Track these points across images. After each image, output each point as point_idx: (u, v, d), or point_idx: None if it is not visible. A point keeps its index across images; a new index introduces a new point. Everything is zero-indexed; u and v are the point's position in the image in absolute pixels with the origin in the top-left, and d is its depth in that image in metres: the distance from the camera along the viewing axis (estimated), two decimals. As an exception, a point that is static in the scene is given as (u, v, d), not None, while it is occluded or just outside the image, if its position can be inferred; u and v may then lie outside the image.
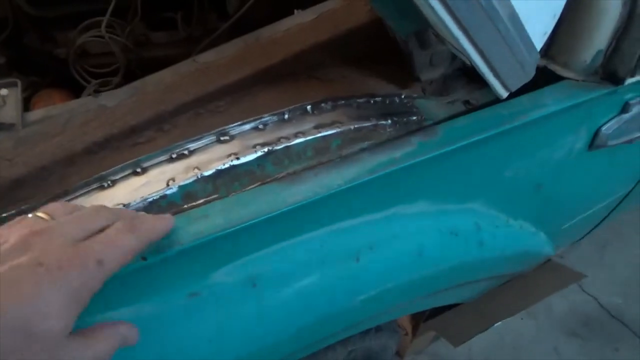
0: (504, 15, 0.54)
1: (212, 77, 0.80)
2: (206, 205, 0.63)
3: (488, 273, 1.06)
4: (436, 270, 0.86)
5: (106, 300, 0.58)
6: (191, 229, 0.60)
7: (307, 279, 0.71)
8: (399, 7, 0.63)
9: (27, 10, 1.30)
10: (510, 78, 0.67)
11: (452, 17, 0.51)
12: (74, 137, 0.69)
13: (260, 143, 0.71)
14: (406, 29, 0.70)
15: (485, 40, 0.56)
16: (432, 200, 0.83)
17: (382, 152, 0.71)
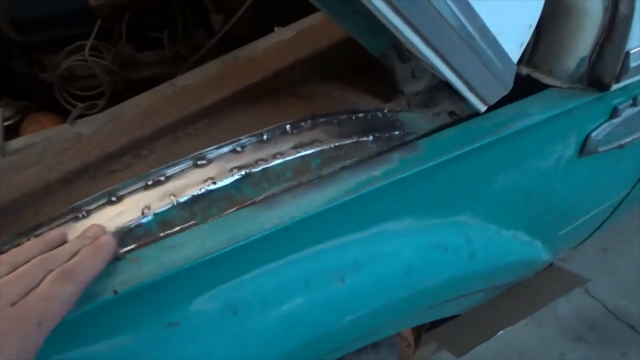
0: (473, 30, 0.52)
1: (191, 99, 0.79)
2: (181, 233, 0.62)
3: (483, 285, 1.04)
4: (426, 286, 0.84)
5: (82, 333, 0.57)
6: (165, 258, 0.59)
7: (290, 302, 0.69)
8: (369, 27, 0.62)
9: (12, 36, 1.30)
10: (487, 92, 0.65)
11: (420, 36, 0.50)
12: (49, 167, 0.69)
13: (237, 166, 0.70)
14: (379, 47, 0.69)
15: (456, 57, 0.55)
16: (418, 215, 0.81)
17: (362, 171, 0.70)
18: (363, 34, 0.65)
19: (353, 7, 0.59)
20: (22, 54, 1.36)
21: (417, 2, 0.45)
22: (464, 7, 0.49)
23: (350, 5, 0.58)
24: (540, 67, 0.86)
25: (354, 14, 0.60)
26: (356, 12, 0.59)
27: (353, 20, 0.62)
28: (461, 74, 0.58)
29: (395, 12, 0.45)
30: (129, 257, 0.59)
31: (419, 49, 0.52)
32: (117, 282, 0.56)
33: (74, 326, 0.54)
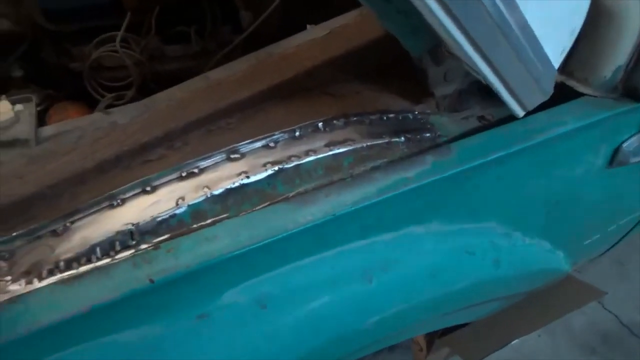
0: (519, 33, 0.52)
1: (224, 93, 0.79)
2: (215, 225, 0.62)
3: (504, 292, 1.03)
4: (451, 290, 0.84)
5: (115, 321, 0.57)
6: (200, 250, 0.59)
7: (318, 300, 0.69)
8: (411, 27, 0.62)
9: (45, 25, 1.32)
10: (527, 97, 0.65)
11: (466, 37, 0.50)
12: (84, 155, 0.69)
13: (270, 161, 0.70)
14: (419, 48, 0.69)
15: (501, 59, 0.55)
16: (447, 219, 0.81)
17: (394, 172, 0.70)
18: (405, 33, 0.65)
19: (397, 6, 0.58)
20: (52, 43, 1.37)
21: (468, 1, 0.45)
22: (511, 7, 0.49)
23: (395, 4, 0.58)
24: (575, 74, 0.86)
25: (398, 13, 0.60)
26: (400, 11, 0.59)
27: (396, 19, 0.62)
28: (504, 76, 0.58)
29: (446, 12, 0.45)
30: (164, 247, 0.59)
31: (464, 49, 0.51)
32: (153, 270, 0.56)
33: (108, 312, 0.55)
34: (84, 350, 0.55)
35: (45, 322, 0.51)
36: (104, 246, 0.61)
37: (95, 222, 0.64)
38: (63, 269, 0.59)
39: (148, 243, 0.63)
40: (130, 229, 0.63)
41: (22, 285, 0.57)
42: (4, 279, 0.58)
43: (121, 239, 0.62)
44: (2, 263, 0.59)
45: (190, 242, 0.60)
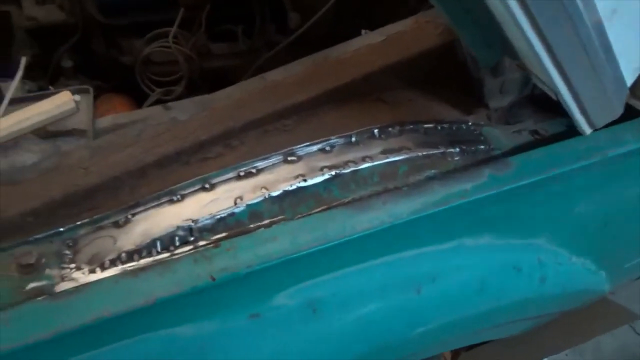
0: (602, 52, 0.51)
1: (280, 95, 0.80)
2: (274, 227, 0.63)
3: (546, 310, 1.02)
4: (497, 305, 0.82)
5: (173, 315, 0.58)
6: (259, 250, 0.60)
7: (367, 307, 0.69)
8: (486, 38, 0.61)
9: (97, 17, 1.35)
10: (597, 115, 0.64)
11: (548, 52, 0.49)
12: (146, 149, 0.71)
13: (327, 165, 0.70)
14: (491, 59, 0.68)
15: (578, 76, 0.54)
16: (498, 233, 0.80)
17: (452, 183, 0.69)
18: (478, 44, 0.64)
19: (474, 16, 0.58)
20: (103, 35, 1.40)
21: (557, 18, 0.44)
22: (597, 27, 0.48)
23: (472, 14, 0.58)
24: (637, 93, 0.84)
25: (474, 24, 0.59)
26: (476, 22, 0.59)
27: (472, 29, 0.61)
28: (578, 93, 0.57)
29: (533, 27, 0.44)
30: (224, 245, 0.60)
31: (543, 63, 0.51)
32: (214, 268, 0.57)
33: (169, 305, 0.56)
34: (144, 340, 0.56)
35: (111, 311, 0.52)
36: (164, 240, 0.62)
37: (155, 215, 0.65)
38: (125, 261, 0.60)
39: (206, 240, 0.63)
40: (189, 225, 0.64)
41: (85, 273, 0.59)
42: (69, 266, 0.59)
43: (181, 234, 0.63)
44: (67, 251, 0.61)
45: (250, 242, 0.60)
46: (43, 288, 0.56)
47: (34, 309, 0.52)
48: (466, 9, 0.57)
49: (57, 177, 0.67)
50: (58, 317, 0.51)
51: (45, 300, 0.53)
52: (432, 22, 0.92)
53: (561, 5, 0.45)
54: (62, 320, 0.51)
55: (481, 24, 0.58)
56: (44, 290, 0.56)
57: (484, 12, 0.47)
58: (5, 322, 0.50)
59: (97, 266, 0.59)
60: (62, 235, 0.62)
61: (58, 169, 0.68)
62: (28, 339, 0.49)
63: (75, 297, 0.53)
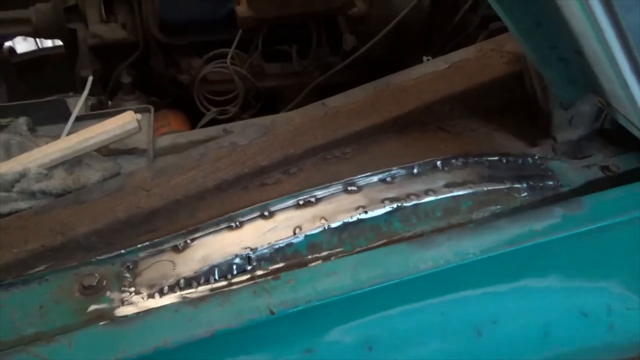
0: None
1: (341, 122, 0.79)
2: (334, 261, 0.61)
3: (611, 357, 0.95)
4: (561, 351, 0.77)
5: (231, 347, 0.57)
6: (319, 285, 0.58)
7: (425, 348, 0.66)
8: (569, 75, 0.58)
9: (158, 36, 1.39)
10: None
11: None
12: (206, 173, 0.71)
13: (389, 198, 0.68)
14: (571, 96, 0.65)
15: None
16: (564, 275, 0.75)
17: (521, 222, 0.66)
18: (560, 81, 0.61)
19: (560, 53, 0.55)
20: (162, 54, 1.44)
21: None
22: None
23: (558, 51, 0.55)
24: None
25: (559, 60, 0.56)
26: (562, 58, 0.56)
27: (556, 66, 0.59)
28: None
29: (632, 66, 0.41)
30: (284, 277, 0.58)
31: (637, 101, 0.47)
32: (273, 301, 0.56)
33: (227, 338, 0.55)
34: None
35: (170, 341, 0.51)
36: (222, 268, 0.62)
37: (214, 242, 0.65)
38: (183, 287, 0.60)
39: (264, 270, 0.63)
40: (248, 253, 0.63)
41: (144, 298, 0.59)
42: (129, 289, 0.60)
43: (239, 262, 0.63)
44: (127, 273, 0.61)
45: (310, 275, 0.59)
46: (104, 311, 0.57)
47: (96, 334, 0.52)
48: (552, 45, 0.54)
49: (121, 198, 0.68)
50: (118, 344, 0.51)
51: (107, 326, 0.53)
52: (498, 51, 0.89)
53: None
54: (123, 348, 0.51)
55: (566, 60, 0.55)
56: (104, 313, 0.57)
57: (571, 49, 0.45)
58: (68, 346, 0.50)
59: (156, 291, 0.59)
60: (123, 257, 0.63)
61: (122, 190, 0.69)
62: (90, 365, 0.49)
63: (135, 324, 0.53)
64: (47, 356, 0.49)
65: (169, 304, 0.56)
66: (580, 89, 0.61)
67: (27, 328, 0.54)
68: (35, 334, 0.54)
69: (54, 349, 0.50)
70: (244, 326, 0.54)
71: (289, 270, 0.60)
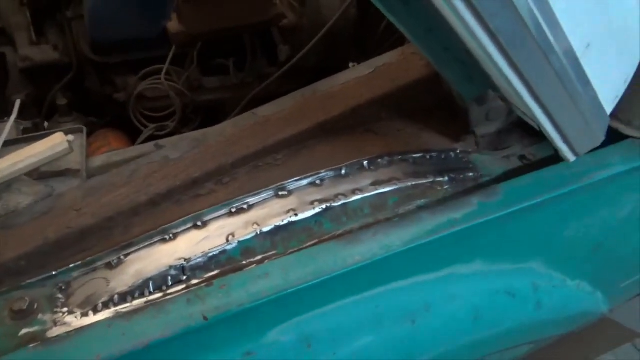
0: (577, 82, 0.53)
1: (271, 130, 0.81)
2: (266, 263, 0.63)
3: (544, 334, 1.01)
4: (492, 332, 0.82)
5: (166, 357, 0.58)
6: (252, 288, 0.60)
7: (362, 340, 0.69)
8: (466, 74, 0.63)
9: (90, 56, 1.37)
10: (579, 143, 0.65)
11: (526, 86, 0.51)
12: (138, 189, 0.71)
13: (318, 199, 0.71)
14: (471, 93, 0.70)
15: (557, 107, 0.55)
16: (489, 260, 0.80)
17: (441, 213, 0.70)
18: (459, 80, 0.66)
19: (454, 54, 0.60)
20: (97, 73, 1.43)
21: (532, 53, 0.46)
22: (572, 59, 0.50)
23: (452, 52, 0.60)
24: (620, 117, 0.85)
25: (455, 61, 0.61)
26: (458, 59, 0.60)
27: (453, 66, 0.63)
28: (558, 123, 0.58)
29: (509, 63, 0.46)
30: (217, 283, 0.60)
31: (522, 97, 0.52)
32: (207, 308, 0.57)
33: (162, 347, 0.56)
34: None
35: (103, 356, 0.52)
36: (156, 281, 0.63)
37: (148, 256, 0.65)
38: (117, 303, 0.60)
39: (199, 278, 0.64)
40: (182, 264, 0.64)
41: (78, 317, 0.59)
42: (61, 310, 0.59)
43: (173, 273, 0.63)
44: (59, 294, 0.61)
45: (242, 279, 0.61)
46: (35, 333, 0.56)
47: (26, 357, 0.52)
48: (445, 47, 0.59)
49: (51, 220, 0.68)
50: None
51: (38, 347, 0.53)
52: (418, 54, 0.94)
53: (534, 41, 0.47)
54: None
55: (461, 61, 0.60)
56: (36, 336, 0.56)
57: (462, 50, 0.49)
58: (-3, 371, 0.50)
59: (90, 309, 0.59)
60: (55, 278, 0.62)
61: (51, 211, 0.69)
62: (20, 388, 0.49)
63: (67, 343, 0.53)
64: (-26, 383, 0.49)
65: (102, 320, 0.57)
66: (479, 86, 0.67)
67: (-45, 357, 0.53)
68: (-37, 362, 0.53)
69: (-18, 375, 0.50)
70: (178, 334, 0.55)
71: (221, 277, 0.62)
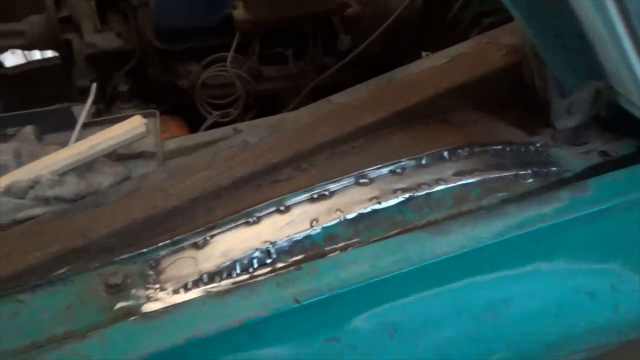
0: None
1: (348, 117, 0.80)
2: (353, 250, 0.63)
3: (620, 337, 0.97)
4: (571, 332, 0.79)
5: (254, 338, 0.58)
6: (340, 274, 0.59)
7: (443, 332, 0.68)
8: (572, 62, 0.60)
9: (155, 43, 1.40)
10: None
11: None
12: (221, 172, 0.72)
13: (401, 188, 0.70)
14: (573, 82, 0.67)
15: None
16: (572, 257, 0.78)
17: (529, 206, 0.68)
18: (563, 67, 0.64)
19: (565, 41, 0.58)
20: (159, 60, 1.45)
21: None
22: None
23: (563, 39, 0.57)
24: None
25: (563, 48, 0.59)
26: (566, 46, 0.58)
27: (559, 52, 0.61)
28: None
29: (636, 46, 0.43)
30: (305, 267, 0.60)
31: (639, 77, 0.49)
32: (297, 291, 0.57)
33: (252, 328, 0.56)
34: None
35: (201, 332, 0.53)
36: (243, 262, 0.63)
37: (233, 237, 0.66)
38: (206, 282, 0.61)
39: (284, 262, 0.64)
40: (267, 247, 0.64)
41: (169, 294, 0.60)
42: (153, 286, 0.60)
43: (259, 256, 0.64)
44: (150, 271, 0.62)
45: (331, 264, 0.60)
46: (130, 308, 0.58)
47: (128, 328, 0.53)
48: (558, 34, 0.57)
49: (137, 199, 0.69)
50: (150, 337, 0.52)
51: (137, 320, 0.54)
52: (494, 44, 0.92)
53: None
54: (155, 341, 0.52)
55: (570, 47, 0.58)
56: (131, 309, 0.57)
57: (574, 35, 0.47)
58: (102, 341, 0.51)
59: (181, 287, 0.60)
60: (145, 255, 0.64)
61: (137, 191, 0.70)
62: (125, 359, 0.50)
63: (165, 318, 0.54)
64: (81, 352, 0.50)
65: (196, 298, 0.57)
66: (580, 75, 0.64)
67: (57, 327, 0.55)
68: (65, 332, 0.54)
69: (88, 345, 0.51)
70: (270, 316, 0.55)
71: (309, 262, 0.62)
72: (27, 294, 0.58)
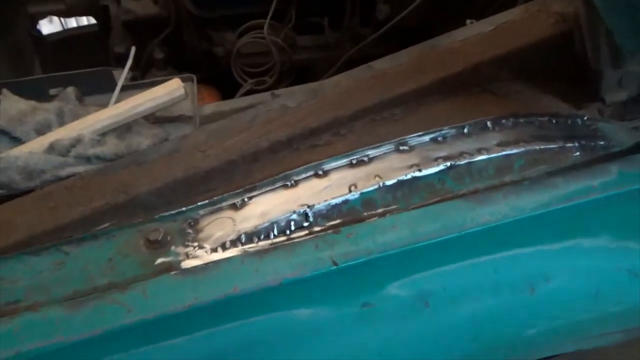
0: None
1: (388, 84, 0.79)
2: (392, 216, 0.62)
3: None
4: (610, 311, 0.77)
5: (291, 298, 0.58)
6: (379, 238, 0.59)
7: (478, 303, 0.67)
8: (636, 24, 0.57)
9: (190, 9, 1.39)
10: None
11: None
12: (259, 135, 0.72)
13: (442, 156, 0.69)
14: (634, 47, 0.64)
15: None
16: (615, 235, 0.75)
17: (576, 179, 0.66)
18: (625, 30, 0.60)
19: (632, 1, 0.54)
20: (195, 28, 1.45)
21: None
22: None
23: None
24: None
25: (628, 7, 0.55)
26: (631, 5, 0.55)
27: (622, 13, 0.58)
28: None
29: None
30: (344, 232, 0.59)
31: None
32: (335, 253, 0.57)
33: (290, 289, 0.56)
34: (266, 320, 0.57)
35: (240, 288, 0.53)
36: (280, 224, 0.63)
37: (271, 200, 0.66)
38: (244, 242, 0.61)
39: (321, 226, 0.64)
40: (305, 210, 0.64)
41: (208, 252, 0.60)
42: (192, 244, 0.61)
43: (296, 219, 0.64)
44: (189, 230, 0.63)
45: (369, 229, 0.60)
46: (171, 263, 0.58)
47: (169, 282, 0.54)
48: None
49: (177, 159, 0.69)
50: (191, 291, 0.53)
51: (178, 275, 0.55)
52: (544, 11, 0.88)
53: None
54: (195, 295, 0.52)
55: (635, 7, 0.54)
56: (171, 265, 0.58)
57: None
58: (143, 293, 0.52)
59: (219, 245, 0.61)
60: (184, 214, 0.64)
61: (177, 151, 0.71)
62: (165, 310, 0.51)
63: (205, 274, 0.55)
64: (124, 302, 0.51)
65: (235, 256, 0.58)
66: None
67: (100, 279, 0.56)
68: (108, 283, 0.56)
69: (130, 295, 0.52)
70: (308, 277, 0.55)
71: (347, 226, 0.61)
72: (72, 246, 0.60)
